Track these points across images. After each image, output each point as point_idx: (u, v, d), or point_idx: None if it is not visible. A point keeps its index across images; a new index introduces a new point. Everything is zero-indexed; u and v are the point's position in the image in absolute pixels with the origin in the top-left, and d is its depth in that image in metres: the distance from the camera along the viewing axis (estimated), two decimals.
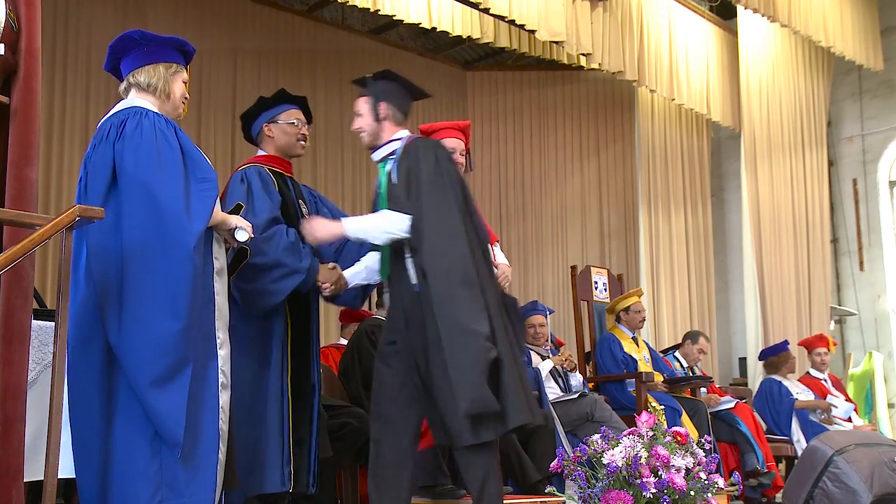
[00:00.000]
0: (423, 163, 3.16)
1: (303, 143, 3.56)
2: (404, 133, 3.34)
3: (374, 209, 3.30)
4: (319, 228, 3.22)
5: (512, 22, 6.56)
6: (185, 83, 2.87)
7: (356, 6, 6.52)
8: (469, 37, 7.44)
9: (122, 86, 2.85)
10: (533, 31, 6.53)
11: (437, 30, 7.10)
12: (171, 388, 2.49)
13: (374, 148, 3.35)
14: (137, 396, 2.50)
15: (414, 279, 3.10)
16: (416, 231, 3.06)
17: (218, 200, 2.75)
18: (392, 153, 3.29)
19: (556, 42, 6.99)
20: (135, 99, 2.79)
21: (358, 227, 3.21)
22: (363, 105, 3.34)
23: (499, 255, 3.90)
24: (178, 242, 2.55)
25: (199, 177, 2.66)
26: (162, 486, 2.49)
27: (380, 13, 6.74)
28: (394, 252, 3.17)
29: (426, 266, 3.01)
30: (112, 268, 2.55)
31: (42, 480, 2.27)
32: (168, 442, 2.50)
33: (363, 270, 3.40)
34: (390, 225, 3.11)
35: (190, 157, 2.69)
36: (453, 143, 3.90)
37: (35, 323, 2.55)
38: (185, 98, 2.89)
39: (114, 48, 2.85)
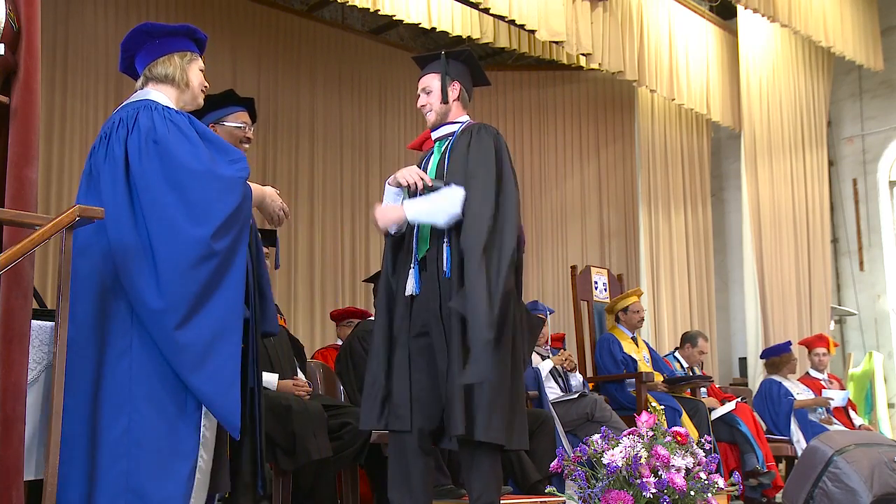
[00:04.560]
0: (486, 144, 3.17)
1: (246, 146, 3.40)
2: (467, 117, 3.37)
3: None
4: (381, 217, 3.16)
5: (512, 22, 6.56)
6: (201, 71, 2.83)
7: (356, 6, 6.51)
8: (469, 37, 7.43)
9: (139, 82, 2.79)
10: (533, 31, 6.53)
11: (437, 30, 7.09)
12: (219, 355, 2.47)
13: (437, 126, 3.34)
14: (185, 382, 2.46)
15: (447, 265, 3.08)
16: (494, 221, 3.04)
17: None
18: (451, 133, 3.29)
19: (556, 42, 6.99)
20: (150, 92, 2.73)
21: (418, 209, 3.12)
22: (434, 82, 3.31)
23: None
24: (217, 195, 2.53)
25: (229, 159, 2.64)
26: (127, 490, 2.41)
27: (380, 13, 6.73)
28: (432, 235, 3.14)
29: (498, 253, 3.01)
30: (132, 262, 2.49)
31: (42, 480, 2.27)
32: (226, 426, 2.48)
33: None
34: (451, 203, 3.06)
35: (212, 143, 2.65)
36: None
37: (35, 323, 2.54)
38: (205, 87, 2.84)
39: (126, 45, 2.80)
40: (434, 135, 3.36)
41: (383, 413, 3.09)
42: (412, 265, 3.17)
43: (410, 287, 3.15)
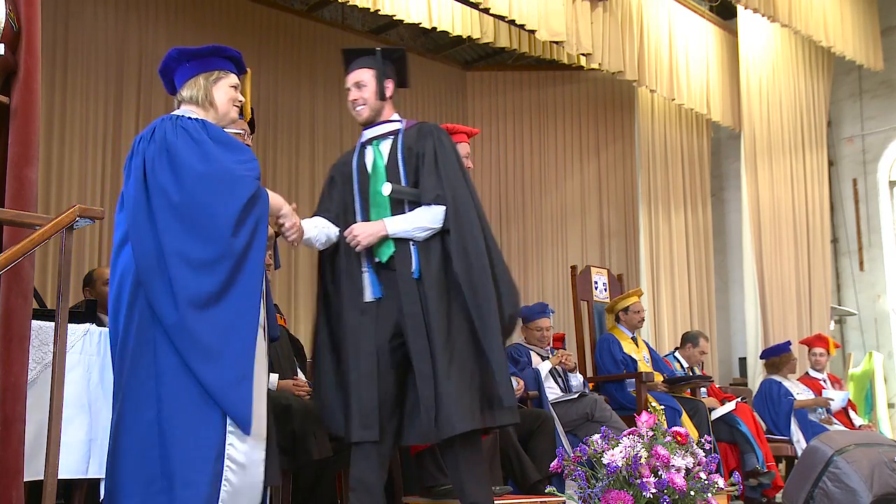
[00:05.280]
0: (448, 147, 3.19)
1: None
2: (398, 116, 3.33)
3: (359, 187, 3.23)
4: (362, 234, 3.11)
5: (512, 22, 6.55)
6: (234, 87, 2.89)
7: (356, 6, 6.52)
8: (469, 37, 7.43)
9: (175, 104, 2.92)
10: (533, 31, 6.52)
11: (437, 30, 7.10)
12: (228, 352, 2.53)
13: (369, 125, 3.29)
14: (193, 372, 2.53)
15: (416, 267, 3.08)
16: (452, 217, 3.09)
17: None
18: (391, 133, 3.26)
19: (556, 42, 6.99)
20: (180, 110, 2.85)
21: (399, 226, 3.11)
22: (369, 78, 3.26)
23: None
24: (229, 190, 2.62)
25: (239, 158, 2.71)
26: (162, 476, 2.49)
27: (380, 13, 6.74)
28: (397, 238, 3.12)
29: (466, 247, 3.05)
30: (151, 272, 2.57)
31: (42, 480, 2.27)
32: (234, 420, 2.53)
33: (315, 227, 3.19)
34: (432, 220, 3.10)
35: (224, 144, 2.72)
36: (467, 149, 3.90)
37: (35, 323, 2.55)
38: (237, 102, 2.90)
39: (163, 71, 2.93)
40: (369, 133, 3.30)
41: (348, 423, 3.08)
42: (364, 269, 3.15)
43: (369, 292, 3.13)
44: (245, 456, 2.58)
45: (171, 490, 2.48)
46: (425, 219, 3.10)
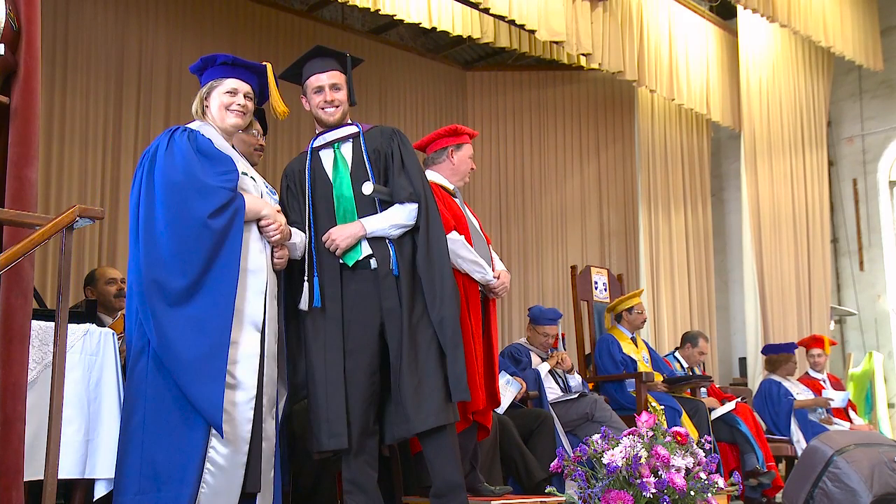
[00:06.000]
0: (410, 148, 3.29)
1: (259, 152, 3.48)
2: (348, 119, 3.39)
3: (312, 193, 3.20)
4: (340, 237, 3.10)
5: (512, 22, 6.56)
6: (229, 93, 2.98)
7: (356, 6, 6.52)
8: (469, 37, 7.43)
9: None
10: (533, 31, 6.53)
11: (437, 30, 7.09)
12: (206, 367, 2.61)
13: (334, 127, 3.30)
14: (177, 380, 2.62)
15: (394, 265, 3.10)
16: (423, 213, 3.15)
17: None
18: (350, 136, 3.28)
19: (556, 42, 6.98)
20: (192, 123, 3.00)
21: (376, 225, 3.12)
22: (342, 80, 3.31)
23: (496, 261, 3.89)
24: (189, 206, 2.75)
25: (218, 170, 2.82)
26: (143, 476, 2.58)
27: (380, 13, 6.74)
28: (372, 239, 3.13)
29: (430, 244, 3.11)
30: (133, 279, 2.74)
31: (42, 480, 2.27)
32: (209, 421, 2.60)
33: (298, 234, 3.15)
34: (407, 217, 3.15)
35: (207, 157, 2.83)
36: (470, 150, 3.90)
37: (35, 323, 2.55)
38: (233, 106, 2.97)
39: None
40: (328, 136, 3.29)
41: (319, 432, 3.11)
42: (308, 275, 3.12)
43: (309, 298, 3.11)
44: (225, 459, 2.64)
45: (157, 490, 2.56)
46: (400, 216, 3.14)
